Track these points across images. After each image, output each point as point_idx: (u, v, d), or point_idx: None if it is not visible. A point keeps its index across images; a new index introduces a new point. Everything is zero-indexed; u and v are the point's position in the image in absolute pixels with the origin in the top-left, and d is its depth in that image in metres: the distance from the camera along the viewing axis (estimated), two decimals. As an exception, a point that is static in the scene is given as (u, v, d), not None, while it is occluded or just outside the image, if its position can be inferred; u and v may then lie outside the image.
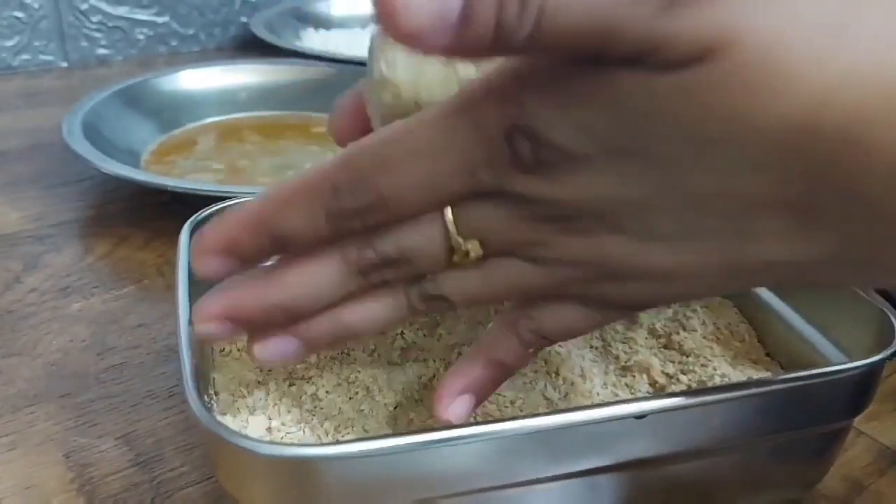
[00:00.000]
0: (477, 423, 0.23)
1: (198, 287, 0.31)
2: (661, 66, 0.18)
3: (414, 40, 0.18)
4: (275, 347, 0.23)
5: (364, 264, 0.22)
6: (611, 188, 0.20)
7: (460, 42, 0.18)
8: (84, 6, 0.84)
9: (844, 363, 0.26)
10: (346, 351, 0.30)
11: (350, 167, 0.21)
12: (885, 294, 0.29)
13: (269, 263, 0.23)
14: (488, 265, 0.22)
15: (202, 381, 0.24)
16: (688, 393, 0.25)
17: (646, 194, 0.20)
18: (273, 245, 0.22)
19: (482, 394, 0.25)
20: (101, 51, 0.86)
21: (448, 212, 0.21)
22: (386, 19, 0.18)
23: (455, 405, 0.24)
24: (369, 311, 0.23)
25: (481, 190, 0.21)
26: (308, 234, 0.22)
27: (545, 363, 0.30)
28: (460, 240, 0.22)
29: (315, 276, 0.22)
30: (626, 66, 0.18)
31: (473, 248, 0.22)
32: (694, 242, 0.21)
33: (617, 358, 0.31)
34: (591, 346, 0.31)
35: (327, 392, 0.28)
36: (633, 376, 0.30)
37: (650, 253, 0.21)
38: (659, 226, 0.20)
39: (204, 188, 0.48)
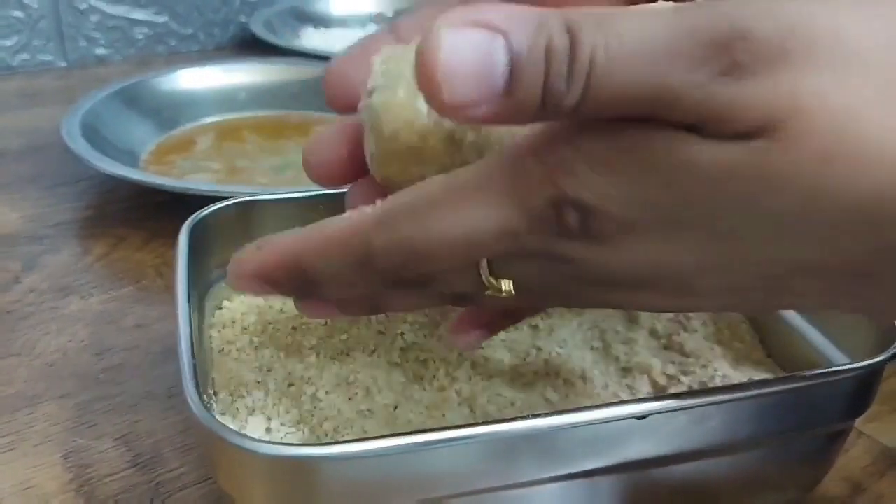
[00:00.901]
0: (477, 424, 0.23)
1: (196, 288, 0.31)
2: (723, 135, 0.17)
3: (457, 112, 0.17)
4: (315, 310, 0.25)
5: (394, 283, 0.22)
6: (663, 255, 0.19)
7: (505, 111, 0.17)
8: (83, 6, 0.83)
9: (845, 364, 0.26)
10: (345, 351, 0.30)
11: (386, 226, 0.20)
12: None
13: None
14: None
15: (201, 381, 0.24)
16: (689, 394, 0.25)
17: (698, 261, 0.19)
18: (306, 286, 0.22)
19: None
20: (100, 51, 0.86)
21: (483, 262, 0.21)
22: (427, 91, 0.17)
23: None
24: (404, 299, 0.24)
25: (522, 252, 0.20)
26: (340, 282, 0.22)
27: (545, 364, 0.30)
28: (493, 281, 0.21)
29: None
30: (685, 133, 0.17)
31: (507, 287, 0.21)
32: (727, 294, 0.20)
33: (617, 359, 0.31)
34: (592, 348, 0.31)
35: (327, 392, 0.28)
36: (634, 377, 0.30)
37: (679, 305, 0.21)
38: (698, 286, 0.20)
39: (203, 188, 0.48)
